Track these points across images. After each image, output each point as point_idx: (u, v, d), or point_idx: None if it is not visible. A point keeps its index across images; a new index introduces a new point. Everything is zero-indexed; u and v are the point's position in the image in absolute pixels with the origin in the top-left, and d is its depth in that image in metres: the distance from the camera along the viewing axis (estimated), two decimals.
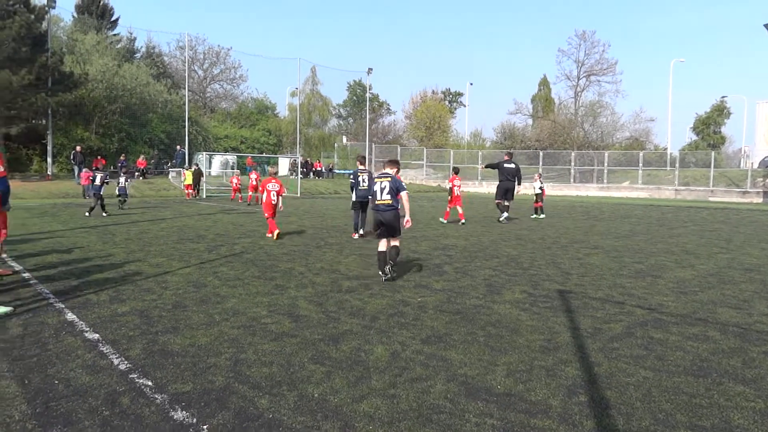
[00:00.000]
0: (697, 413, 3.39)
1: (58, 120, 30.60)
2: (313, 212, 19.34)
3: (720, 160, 44.71)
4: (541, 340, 4.80)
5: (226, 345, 4.50)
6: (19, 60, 26.36)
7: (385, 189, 7.33)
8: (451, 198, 15.82)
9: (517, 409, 3.41)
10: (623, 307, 6.03)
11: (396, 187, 7.32)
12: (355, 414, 3.29)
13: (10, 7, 26.83)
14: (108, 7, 45.00)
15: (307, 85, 53.21)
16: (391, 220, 7.29)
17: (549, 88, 64.43)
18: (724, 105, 51.69)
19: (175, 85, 44.90)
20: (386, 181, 7.37)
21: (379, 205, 7.36)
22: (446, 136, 59.69)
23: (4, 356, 4.13)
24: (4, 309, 5.29)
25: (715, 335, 5.03)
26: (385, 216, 7.29)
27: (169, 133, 38.81)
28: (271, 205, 11.71)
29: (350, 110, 66.72)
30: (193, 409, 3.30)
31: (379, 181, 7.45)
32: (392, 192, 7.31)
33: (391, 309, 5.77)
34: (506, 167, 16.33)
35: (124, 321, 5.12)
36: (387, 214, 7.29)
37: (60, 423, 3.10)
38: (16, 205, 18.92)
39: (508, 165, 16.39)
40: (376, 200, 7.40)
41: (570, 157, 44.89)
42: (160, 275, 7.32)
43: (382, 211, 7.33)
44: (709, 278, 7.85)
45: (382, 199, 7.33)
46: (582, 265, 8.79)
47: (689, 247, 11.28)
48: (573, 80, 59.59)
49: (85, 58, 35.50)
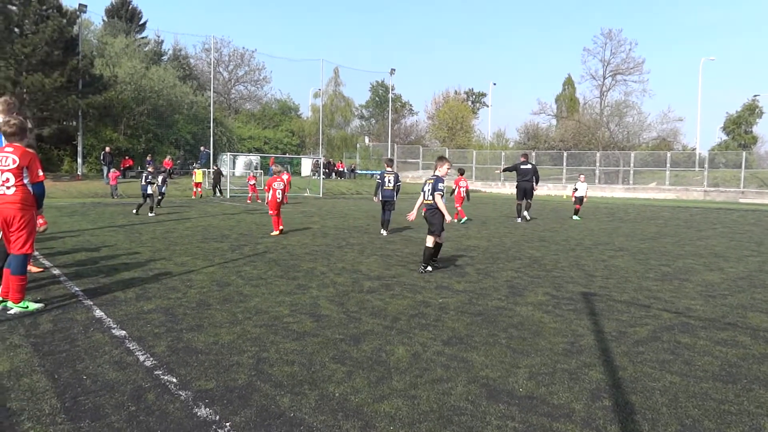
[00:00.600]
0: (726, 420, 3.31)
1: (88, 121, 31.36)
2: (335, 212, 19.43)
3: (752, 161, 43.56)
4: (564, 342, 4.74)
5: (249, 343, 4.55)
6: (51, 63, 27.12)
7: (428, 190, 7.97)
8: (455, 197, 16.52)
9: (539, 412, 3.37)
10: (649, 311, 5.92)
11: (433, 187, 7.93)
12: (375, 414, 3.29)
13: (44, 12, 27.61)
14: (137, 11, 46.03)
15: (330, 86, 53.52)
16: (430, 219, 7.91)
17: (573, 88, 63.61)
18: (756, 104, 50.35)
19: (200, 86, 45.66)
20: (430, 183, 8.00)
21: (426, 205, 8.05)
22: (469, 136, 59.38)
23: (36, 351, 4.25)
24: (35, 305, 5.45)
25: (745, 340, 4.90)
26: (426, 215, 7.98)
27: (194, 133, 39.44)
28: (277, 203, 12.16)
29: (372, 111, 66.87)
30: (216, 407, 3.35)
31: (428, 182, 8.04)
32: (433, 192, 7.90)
33: (413, 310, 5.77)
34: (523, 168, 16.69)
35: (149, 318, 5.23)
36: (427, 213, 7.96)
37: (88, 417, 3.18)
38: (48, 204, 19.46)
39: (524, 166, 16.74)
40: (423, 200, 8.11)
41: (595, 158, 44.23)
42: (184, 274, 7.45)
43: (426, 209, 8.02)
44: (739, 282, 7.65)
45: (427, 199, 8.00)
46: (606, 267, 8.65)
47: (718, 250, 11.01)
48: (598, 79, 58.69)
49: (115, 61, 36.34)
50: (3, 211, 5.16)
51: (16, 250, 5.24)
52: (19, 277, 5.28)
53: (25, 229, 5.26)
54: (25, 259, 5.32)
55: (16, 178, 5.18)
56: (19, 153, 5.21)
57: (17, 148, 5.25)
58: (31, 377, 3.74)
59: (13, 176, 5.16)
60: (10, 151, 5.20)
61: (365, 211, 20.08)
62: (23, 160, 5.20)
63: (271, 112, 53.87)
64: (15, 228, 5.21)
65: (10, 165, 5.15)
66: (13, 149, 5.22)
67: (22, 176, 5.21)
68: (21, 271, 5.29)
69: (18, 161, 5.17)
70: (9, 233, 5.23)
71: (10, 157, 5.17)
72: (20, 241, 5.23)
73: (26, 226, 5.27)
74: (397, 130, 57.87)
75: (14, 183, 5.17)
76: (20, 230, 5.23)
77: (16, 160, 5.16)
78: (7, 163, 5.15)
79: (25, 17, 27.24)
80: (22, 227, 5.23)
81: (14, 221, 5.20)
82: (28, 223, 5.29)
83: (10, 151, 5.20)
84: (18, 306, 5.31)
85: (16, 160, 5.16)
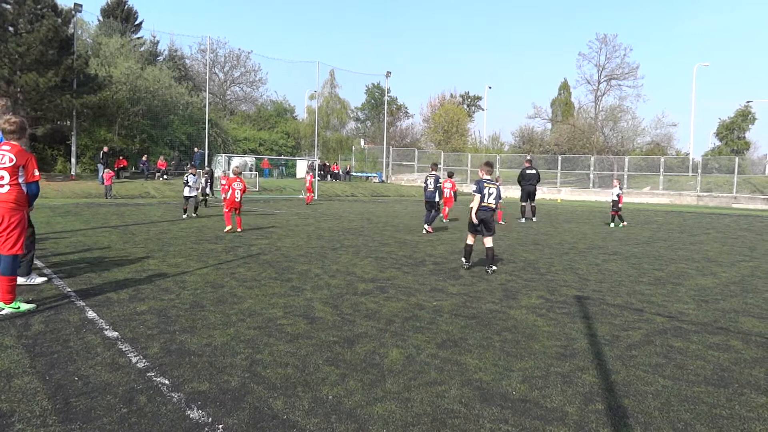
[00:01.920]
0: (718, 424, 3.33)
1: (82, 121, 31.21)
2: (330, 215, 19.42)
3: (744, 166, 43.80)
4: (558, 346, 4.75)
5: (243, 345, 4.53)
6: (46, 62, 26.99)
7: (493, 194, 8.41)
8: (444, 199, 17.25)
9: (533, 415, 3.38)
10: (642, 315, 5.94)
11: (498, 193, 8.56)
12: (369, 417, 3.29)
13: (39, 11, 27.49)
14: (132, 11, 45.83)
15: (326, 88, 53.49)
16: (489, 220, 8.38)
17: (569, 92, 63.92)
18: (749, 110, 50.73)
19: (196, 87, 45.51)
20: (494, 188, 8.42)
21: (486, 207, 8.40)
22: (464, 139, 59.53)
23: (27, 352, 4.22)
24: (27, 306, 5.41)
25: (737, 345, 4.93)
26: (486, 217, 8.37)
27: (189, 134, 39.32)
28: (235, 201, 12.62)
29: (368, 113, 66.96)
30: (209, 408, 3.34)
31: (487, 186, 8.39)
32: (497, 198, 8.50)
33: (407, 312, 5.77)
34: (528, 173, 18.52)
35: (142, 320, 5.20)
36: (487, 215, 8.39)
37: (80, 419, 3.16)
38: (41, 204, 19.36)
39: (529, 171, 18.50)
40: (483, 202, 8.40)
41: (589, 162, 44.41)
42: (178, 275, 7.42)
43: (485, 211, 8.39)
44: (732, 286, 7.70)
45: (488, 202, 8.38)
46: (600, 271, 8.68)
47: (711, 255, 11.07)
48: (593, 84, 58.91)
49: (110, 61, 36.18)
50: None
51: (6, 250, 5.20)
52: (8, 277, 5.23)
53: (16, 229, 5.23)
54: (15, 259, 5.29)
55: (11, 177, 5.16)
56: (15, 151, 5.20)
57: (14, 146, 5.24)
58: (23, 378, 3.71)
59: (8, 174, 5.14)
60: (7, 149, 5.19)
61: (360, 213, 20.07)
62: (20, 158, 5.19)
63: (267, 113, 53.80)
64: (5, 227, 5.17)
65: (6, 163, 5.14)
66: (10, 147, 5.21)
67: (17, 175, 5.20)
68: (11, 272, 5.26)
69: (15, 159, 5.16)
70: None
71: (7, 155, 5.16)
72: (10, 241, 5.19)
73: (17, 226, 5.24)
74: (392, 132, 57.89)
75: (8, 182, 5.15)
76: (11, 230, 5.19)
77: (12, 159, 5.15)
78: (3, 161, 5.14)
79: (20, 16, 27.13)
80: (13, 227, 5.20)
81: (5, 220, 5.16)
82: (19, 223, 5.26)
83: (7, 149, 5.19)
84: (9, 307, 5.27)
85: (12, 159, 5.15)
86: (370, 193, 38.02)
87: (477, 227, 8.36)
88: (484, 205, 8.32)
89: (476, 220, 8.29)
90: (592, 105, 59.07)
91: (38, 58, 26.61)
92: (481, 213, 8.29)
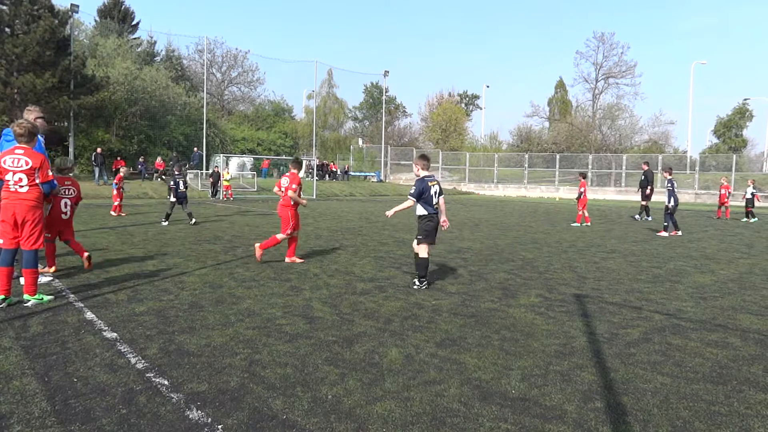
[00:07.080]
0: (716, 421, 3.33)
1: (79, 122, 31.14)
2: (329, 214, 19.41)
3: (742, 164, 43.91)
4: (557, 344, 4.76)
5: (242, 345, 4.53)
6: (43, 63, 26.92)
7: (437, 192, 6.95)
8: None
9: (532, 413, 3.38)
10: (641, 312, 5.95)
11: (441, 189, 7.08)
12: (368, 416, 3.29)
13: (35, 12, 27.42)
14: (129, 11, 45.75)
15: (324, 87, 53.55)
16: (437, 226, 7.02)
17: (566, 91, 63.96)
18: (747, 107, 50.82)
19: (193, 87, 45.43)
20: (437, 185, 7.00)
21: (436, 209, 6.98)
22: (462, 138, 59.52)
23: (26, 354, 4.21)
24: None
25: (735, 342, 4.94)
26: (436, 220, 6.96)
27: (187, 135, 39.24)
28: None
29: (366, 112, 66.93)
30: (208, 409, 3.33)
31: (431, 185, 6.88)
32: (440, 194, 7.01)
33: (406, 312, 5.77)
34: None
35: (141, 320, 5.20)
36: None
37: (78, 420, 3.15)
38: None
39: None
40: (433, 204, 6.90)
41: (587, 160, 44.43)
42: (177, 276, 7.41)
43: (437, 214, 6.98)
44: (730, 284, 7.71)
45: (436, 204, 6.94)
46: (598, 269, 8.69)
47: (709, 252, 11.10)
48: (591, 83, 59.07)
49: (107, 62, 36.13)
50: (17, 208, 5.43)
51: (29, 246, 5.53)
52: (32, 270, 5.59)
53: (38, 226, 5.58)
54: (36, 254, 5.62)
55: (29, 179, 5.47)
56: (29, 155, 5.50)
57: (27, 150, 5.52)
58: (21, 380, 3.71)
59: (26, 177, 5.46)
60: (21, 153, 5.47)
61: (358, 213, 20.07)
62: (35, 162, 5.50)
63: (265, 113, 53.71)
64: (29, 225, 5.49)
65: (23, 166, 5.45)
66: (23, 151, 5.49)
67: (34, 177, 5.51)
68: (33, 265, 5.60)
69: (30, 163, 5.47)
70: (21, 230, 5.49)
71: (23, 159, 5.46)
72: (33, 237, 5.55)
73: (39, 223, 5.59)
74: (390, 131, 57.88)
75: (27, 183, 5.47)
76: (33, 227, 5.53)
77: (28, 162, 5.47)
78: (19, 165, 5.44)
79: (16, 17, 27.05)
80: (35, 224, 5.53)
81: (27, 219, 5.48)
82: (39, 221, 5.61)
83: (21, 153, 5.48)
84: (34, 298, 5.65)
85: (28, 162, 5.47)
86: (369, 192, 38.01)
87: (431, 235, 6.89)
88: (433, 209, 6.86)
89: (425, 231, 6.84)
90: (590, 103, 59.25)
91: (35, 59, 26.54)
92: (431, 218, 6.85)
